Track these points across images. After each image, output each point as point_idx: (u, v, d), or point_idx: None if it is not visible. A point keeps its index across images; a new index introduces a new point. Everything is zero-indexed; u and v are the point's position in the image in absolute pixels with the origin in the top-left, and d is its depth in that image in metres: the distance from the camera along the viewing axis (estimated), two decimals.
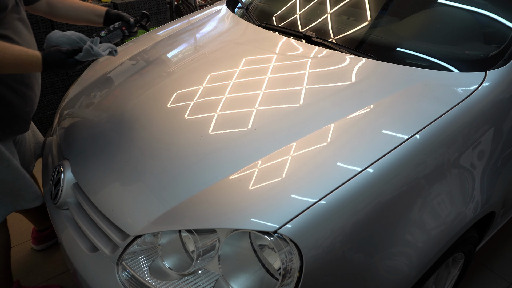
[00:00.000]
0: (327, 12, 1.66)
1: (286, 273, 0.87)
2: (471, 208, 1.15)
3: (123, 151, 1.21)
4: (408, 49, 1.39)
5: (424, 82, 1.20)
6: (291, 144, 1.06)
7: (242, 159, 1.05)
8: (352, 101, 1.18)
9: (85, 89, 1.62)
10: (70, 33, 1.30)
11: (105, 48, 1.28)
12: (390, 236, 0.98)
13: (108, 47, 1.29)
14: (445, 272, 1.42)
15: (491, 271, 1.81)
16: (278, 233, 0.87)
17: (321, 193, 0.91)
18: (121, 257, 1.03)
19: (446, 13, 1.48)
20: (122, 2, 2.81)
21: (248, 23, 1.77)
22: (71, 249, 1.18)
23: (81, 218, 1.19)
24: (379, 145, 1.02)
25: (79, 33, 1.32)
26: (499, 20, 1.35)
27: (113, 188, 1.12)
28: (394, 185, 0.98)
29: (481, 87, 1.16)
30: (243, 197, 0.95)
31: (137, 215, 1.03)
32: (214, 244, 0.95)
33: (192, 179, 1.04)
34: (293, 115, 1.16)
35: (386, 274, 0.99)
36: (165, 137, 1.20)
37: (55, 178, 1.31)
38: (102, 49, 1.27)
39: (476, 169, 1.17)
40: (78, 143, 1.33)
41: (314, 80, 1.29)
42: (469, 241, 1.31)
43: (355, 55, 1.38)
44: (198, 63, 1.54)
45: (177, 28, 1.95)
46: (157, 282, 0.98)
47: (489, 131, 1.18)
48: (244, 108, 1.23)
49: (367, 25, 1.53)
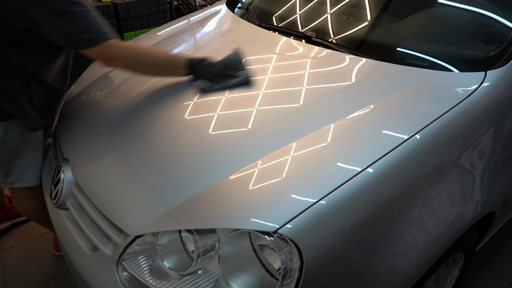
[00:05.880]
0: (327, 12, 1.66)
1: (286, 273, 0.87)
2: (471, 208, 1.15)
3: (123, 151, 1.21)
4: (408, 49, 1.39)
5: (424, 82, 1.20)
6: (291, 144, 1.06)
7: (242, 159, 1.05)
8: (352, 101, 1.18)
9: (85, 89, 1.62)
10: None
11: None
12: (390, 236, 0.98)
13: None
14: (445, 272, 1.42)
15: (491, 271, 1.81)
16: (278, 233, 0.87)
17: (321, 193, 0.92)
18: (121, 257, 1.03)
19: (446, 13, 1.48)
20: (122, 2, 2.81)
21: (248, 23, 1.77)
22: (71, 249, 1.18)
23: (81, 218, 1.19)
24: (379, 145, 1.02)
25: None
26: (499, 20, 1.35)
27: (113, 188, 1.12)
28: (394, 185, 0.98)
29: (481, 87, 1.16)
30: (243, 197, 0.95)
31: (137, 215, 1.03)
32: (214, 244, 0.95)
33: (192, 179, 1.04)
34: (293, 115, 1.17)
35: (386, 274, 0.99)
36: (165, 137, 1.20)
37: (55, 178, 1.31)
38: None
39: (476, 169, 1.17)
40: (78, 143, 1.33)
41: (314, 80, 1.29)
42: (469, 241, 1.31)
43: (355, 55, 1.38)
44: None
45: (177, 28, 1.95)
46: (157, 282, 0.98)
47: (489, 131, 1.18)
48: (244, 108, 1.23)
49: (367, 25, 1.53)
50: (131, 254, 1.03)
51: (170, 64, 1.37)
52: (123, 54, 1.27)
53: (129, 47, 1.31)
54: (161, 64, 1.35)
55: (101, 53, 1.24)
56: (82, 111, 1.49)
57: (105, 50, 1.24)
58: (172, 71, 1.38)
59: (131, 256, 1.03)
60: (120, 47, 1.26)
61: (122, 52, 1.27)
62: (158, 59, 1.35)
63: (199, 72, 1.35)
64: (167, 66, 1.37)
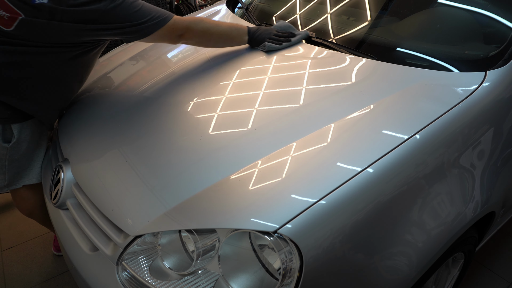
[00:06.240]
0: (327, 12, 1.66)
1: (286, 273, 0.87)
2: (471, 208, 1.15)
3: (123, 151, 1.21)
4: (408, 49, 1.39)
5: (424, 82, 1.20)
6: (291, 144, 1.06)
7: (242, 159, 1.05)
8: (352, 101, 1.18)
9: (85, 89, 1.62)
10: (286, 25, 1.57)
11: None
12: (390, 236, 0.98)
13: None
14: (445, 272, 1.42)
15: (491, 271, 1.81)
16: (278, 233, 0.87)
17: (321, 193, 0.91)
18: (121, 257, 1.03)
19: (446, 13, 1.48)
20: None
21: (248, 23, 1.77)
22: (71, 249, 1.18)
23: (81, 218, 1.19)
24: (379, 145, 1.02)
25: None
26: (499, 20, 1.35)
27: (113, 188, 1.12)
28: (394, 185, 0.98)
29: (481, 87, 1.16)
30: (243, 197, 0.95)
31: (137, 215, 1.03)
32: (214, 244, 0.95)
33: (192, 179, 1.04)
34: (293, 115, 1.17)
35: (386, 274, 0.99)
36: (165, 137, 1.20)
37: (55, 178, 1.31)
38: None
39: (476, 169, 1.17)
40: (78, 143, 1.34)
41: (314, 80, 1.29)
42: (469, 241, 1.31)
43: (355, 55, 1.38)
44: (198, 63, 1.54)
45: None
46: (157, 282, 0.98)
47: (489, 131, 1.18)
48: (244, 108, 1.23)
49: (367, 25, 1.53)
50: (131, 254, 1.03)
51: (234, 31, 1.51)
52: (190, 26, 1.39)
53: (193, 20, 1.41)
54: (226, 32, 1.49)
55: (171, 30, 1.34)
56: (82, 111, 1.49)
57: (173, 27, 1.34)
58: (236, 38, 1.52)
59: (131, 256, 1.03)
60: (185, 20, 1.38)
61: (188, 25, 1.39)
62: (222, 28, 1.48)
63: (260, 38, 1.50)
64: (231, 34, 1.50)
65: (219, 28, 1.47)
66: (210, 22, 1.45)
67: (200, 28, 1.41)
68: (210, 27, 1.44)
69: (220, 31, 1.48)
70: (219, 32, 1.47)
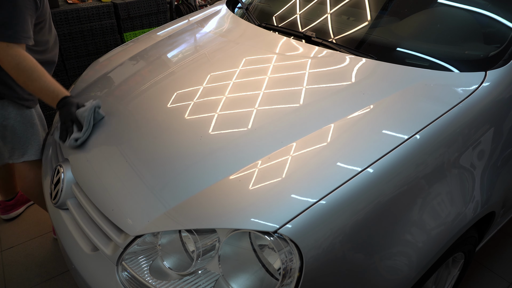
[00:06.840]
0: (327, 12, 1.66)
1: (286, 273, 0.87)
2: (471, 208, 1.15)
3: (123, 151, 1.21)
4: (408, 49, 1.39)
5: (424, 82, 1.20)
6: (291, 144, 1.06)
7: (242, 159, 1.05)
8: (352, 101, 1.18)
9: (85, 89, 1.62)
10: (86, 115, 1.35)
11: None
12: (390, 236, 0.98)
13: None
14: (445, 272, 1.42)
15: (491, 271, 1.81)
16: (278, 233, 0.87)
17: (321, 193, 0.92)
18: (121, 257, 1.03)
19: (446, 13, 1.48)
20: (122, 2, 2.81)
21: (248, 23, 1.77)
22: (71, 249, 1.18)
23: (81, 218, 1.19)
24: (379, 145, 1.02)
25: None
26: (499, 20, 1.35)
27: (113, 188, 1.12)
28: (394, 185, 0.98)
29: (481, 87, 1.16)
30: (243, 197, 0.95)
31: (137, 215, 1.03)
32: (214, 244, 0.95)
33: (192, 179, 1.04)
34: (293, 115, 1.17)
35: (386, 274, 0.99)
36: (165, 137, 1.20)
37: (55, 178, 1.31)
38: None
39: (476, 169, 1.17)
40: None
41: (314, 80, 1.29)
42: (469, 241, 1.31)
43: (355, 55, 1.38)
44: (198, 63, 1.54)
45: (177, 28, 1.95)
46: (157, 282, 0.98)
47: (489, 131, 1.18)
48: (244, 108, 1.23)
49: (367, 25, 1.53)
50: (131, 254, 1.03)
51: (50, 93, 1.39)
52: (19, 62, 1.32)
53: (28, 60, 1.35)
54: (43, 87, 1.38)
55: (5, 49, 1.30)
56: None
57: (8, 49, 1.30)
58: (47, 99, 1.41)
59: (131, 256, 1.03)
60: (22, 56, 1.32)
61: (20, 61, 1.32)
62: (44, 81, 1.38)
63: (61, 116, 1.38)
64: (48, 91, 1.39)
65: (41, 79, 1.37)
66: (40, 71, 1.37)
67: (24, 68, 1.34)
68: (34, 72, 1.36)
69: (40, 83, 1.37)
70: (37, 81, 1.37)
